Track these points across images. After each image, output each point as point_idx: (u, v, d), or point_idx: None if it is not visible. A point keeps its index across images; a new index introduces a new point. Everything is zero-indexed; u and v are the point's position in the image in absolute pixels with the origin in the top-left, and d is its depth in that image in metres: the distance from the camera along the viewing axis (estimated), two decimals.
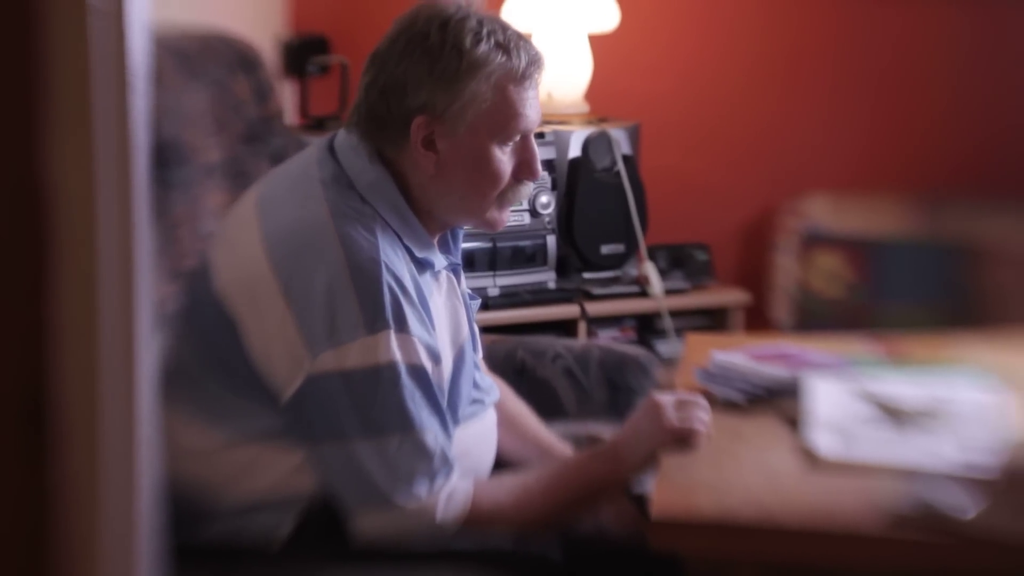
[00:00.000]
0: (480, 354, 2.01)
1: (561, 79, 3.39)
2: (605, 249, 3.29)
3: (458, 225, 1.95)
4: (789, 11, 3.62)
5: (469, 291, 2.02)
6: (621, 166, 3.28)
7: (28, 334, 0.91)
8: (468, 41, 1.78)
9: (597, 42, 3.45)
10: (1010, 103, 3.57)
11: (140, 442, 0.95)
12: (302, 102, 3.44)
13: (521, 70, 1.81)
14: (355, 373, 1.70)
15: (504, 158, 1.83)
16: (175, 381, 1.80)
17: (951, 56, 3.58)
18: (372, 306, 1.70)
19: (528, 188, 1.90)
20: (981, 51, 3.57)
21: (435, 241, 1.87)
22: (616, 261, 3.32)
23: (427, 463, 1.73)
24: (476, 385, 1.94)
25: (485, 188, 1.84)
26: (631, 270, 3.35)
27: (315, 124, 3.37)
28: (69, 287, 0.91)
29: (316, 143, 1.89)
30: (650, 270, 3.31)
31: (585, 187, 3.25)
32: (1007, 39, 3.55)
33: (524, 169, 1.86)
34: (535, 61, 1.83)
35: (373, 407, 1.71)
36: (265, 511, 1.78)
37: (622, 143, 3.30)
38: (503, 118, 1.81)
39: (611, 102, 3.49)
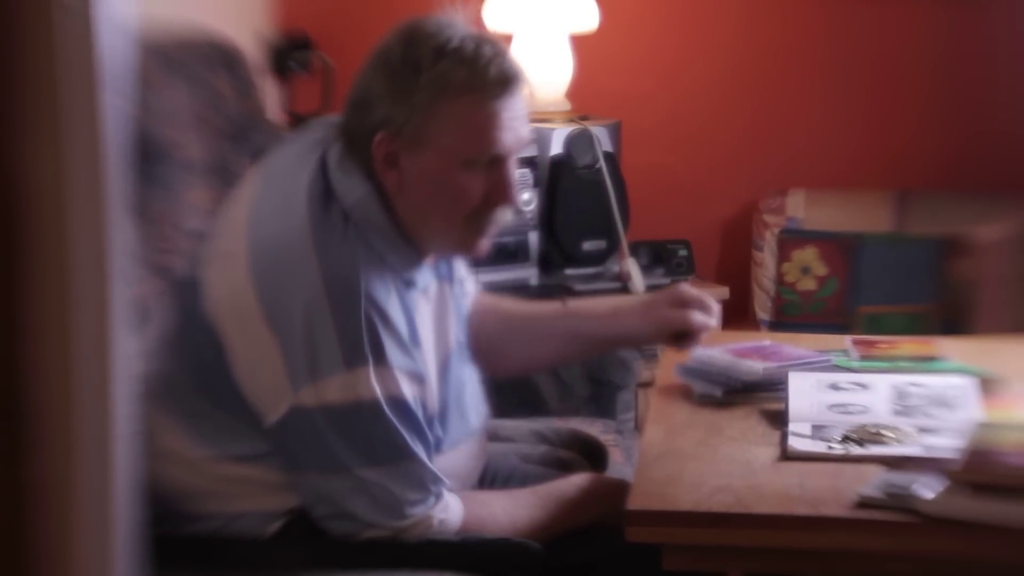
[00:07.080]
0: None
1: (543, 77, 3.40)
2: (587, 245, 3.30)
3: (435, 251, 1.84)
4: (770, 10, 3.64)
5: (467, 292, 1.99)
6: (603, 163, 3.29)
7: (2, 332, 0.92)
8: (428, 57, 1.71)
9: (579, 41, 3.46)
10: (989, 100, 3.59)
11: (116, 439, 0.95)
12: (285, 100, 3.45)
13: (489, 87, 1.72)
14: (336, 408, 1.70)
15: (471, 181, 1.75)
16: (165, 391, 1.80)
17: (931, 54, 3.60)
18: (350, 339, 1.68)
19: (505, 215, 1.79)
20: (960, 49, 3.58)
21: (427, 259, 1.82)
22: (598, 257, 3.33)
23: (417, 488, 1.74)
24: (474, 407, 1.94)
25: (448, 210, 1.76)
26: (613, 266, 3.36)
27: (298, 122, 3.37)
28: (42, 285, 0.91)
29: (309, 148, 1.83)
30: (632, 266, 3.32)
31: (567, 184, 3.26)
32: (985, 37, 3.57)
33: (496, 194, 1.76)
34: (508, 78, 1.74)
35: (356, 441, 1.72)
36: (248, 518, 1.79)
37: (604, 140, 3.31)
38: (467, 137, 1.73)
39: (593, 100, 3.50)
